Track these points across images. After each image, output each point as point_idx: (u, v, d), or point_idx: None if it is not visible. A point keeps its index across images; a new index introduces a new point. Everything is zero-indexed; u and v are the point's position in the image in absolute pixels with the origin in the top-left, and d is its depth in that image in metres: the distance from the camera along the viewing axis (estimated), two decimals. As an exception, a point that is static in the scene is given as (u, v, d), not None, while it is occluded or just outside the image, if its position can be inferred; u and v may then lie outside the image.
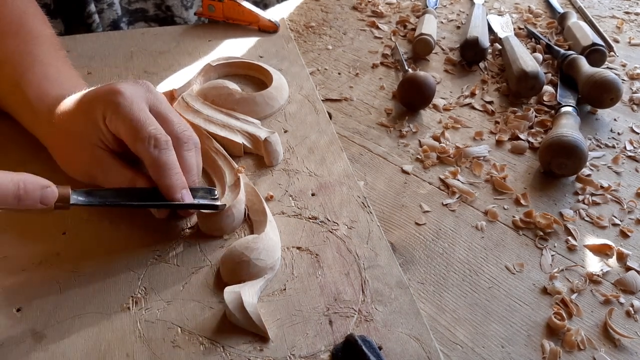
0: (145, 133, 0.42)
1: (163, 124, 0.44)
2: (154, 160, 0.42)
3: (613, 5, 0.94)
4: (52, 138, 0.48)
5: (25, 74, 0.50)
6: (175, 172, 0.43)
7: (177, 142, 0.44)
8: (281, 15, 0.81)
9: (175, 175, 0.43)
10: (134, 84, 0.45)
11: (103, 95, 0.44)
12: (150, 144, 0.42)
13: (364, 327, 0.39)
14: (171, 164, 0.42)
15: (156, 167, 0.42)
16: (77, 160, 0.46)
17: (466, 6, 0.91)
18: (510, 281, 0.46)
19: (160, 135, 0.42)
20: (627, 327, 0.42)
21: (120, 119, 0.42)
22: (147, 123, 0.42)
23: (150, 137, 0.42)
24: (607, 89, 0.62)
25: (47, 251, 0.43)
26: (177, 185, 0.42)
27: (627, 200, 0.54)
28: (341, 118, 0.64)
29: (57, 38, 0.57)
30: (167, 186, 0.42)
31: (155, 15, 0.89)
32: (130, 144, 0.43)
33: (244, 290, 0.39)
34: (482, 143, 0.61)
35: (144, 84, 0.46)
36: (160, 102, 0.46)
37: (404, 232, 0.49)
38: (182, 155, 0.44)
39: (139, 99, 0.44)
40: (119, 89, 0.43)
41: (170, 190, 0.42)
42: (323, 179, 0.52)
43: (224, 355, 0.37)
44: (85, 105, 0.45)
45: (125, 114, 0.42)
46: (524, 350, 0.40)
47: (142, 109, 0.43)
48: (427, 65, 0.75)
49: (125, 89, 0.43)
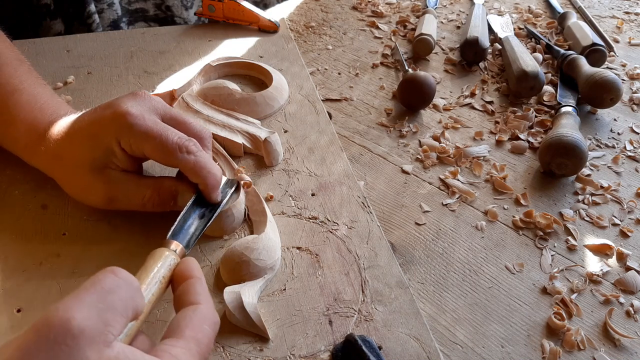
0: (172, 144, 0.41)
1: (181, 127, 0.44)
2: (194, 166, 0.42)
3: (613, 5, 0.94)
4: (58, 169, 0.46)
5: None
6: (215, 168, 0.43)
7: (199, 140, 0.44)
8: (281, 15, 0.81)
9: (217, 172, 0.43)
10: (135, 97, 0.44)
11: (110, 119, 0.42)
12: (183, 152, 0.41)
13: (364, 327, 0.39)
14: (209, 162, 0.43)
15: (198, 171, 0.42)
16: (93, 188, 0.44)
17: (466, 6, 0.91)
18: (510, 281, 0.46)
19: (187, 140, 0.42)
20: (627, 327, 0.42)
21: (141, 139, 0.41)
22: (170, 133, 0.42)
23: (180, 145, 0.41)
24: (607, 89, 0.62)
25: (47, 251, 0.43)
26: (216, 184, 0.43)
27: (627, 200, 0.54)
28: (341, 118, 0.64)
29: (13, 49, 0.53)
30: (212, 185, 0.42)
31: (155, 15, 0.89)
32: (161, 159, 0.42)
33: (244, 290, 0.39)
34: (482, 143, 0.61)
35: (144, 95, 0.44)
36: (167, 108, 0.45)
37: (404, 232, 0.49)
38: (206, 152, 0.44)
39: (147, 113, 0.42)
40: (125, 109, 0.41)
41: (214, 189, 0.43)
42: (323, 179, 0.52)
43: (224, 355, 0.37)
44: (91, 132, 0.43)
45: (143, 132, 0.41)
46: (524, 350, 0.40)
47: (156, 122, 0.42)
48: (427, 65, 0.75)
49: (130, 107, 0.42)
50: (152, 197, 0.44)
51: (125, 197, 0.44)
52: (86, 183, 0.44)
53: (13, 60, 0.51)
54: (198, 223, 0.41)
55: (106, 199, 0.44)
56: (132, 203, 0.44)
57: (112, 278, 0.29)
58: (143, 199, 0.44)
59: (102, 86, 0.62)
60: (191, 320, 0.31)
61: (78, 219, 0.46)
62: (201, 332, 0.31)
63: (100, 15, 0.82)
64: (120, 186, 0.43)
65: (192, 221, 0.41)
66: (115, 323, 0.27)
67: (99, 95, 0.60)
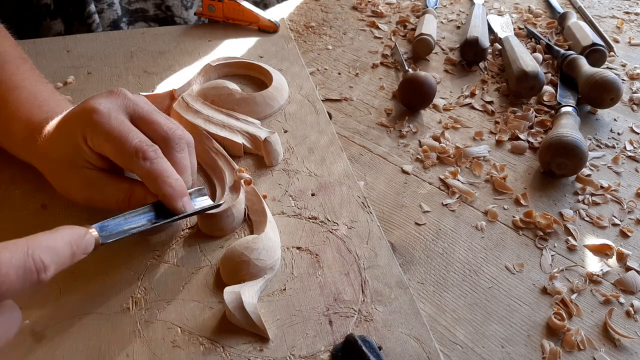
0: (130, 148, 0.40)
1: (149, 127, 0.43)
2: (147, 173, 0.40)
3: (613, 5, 0.94)
4: (45, 165, 0.46)
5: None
6: (173, 178, 0.41)
7: (167, 143, 0.42)
8: (281, 15, 0.81)
9: (174, 182, 0.41)
10: (108, 95, 0.43)
11: (79, 115, 0.42)
12: (139, 157, 0.40)
13: (364, 327, 0.39)
14: (165, 172, 0.41)
15: (151, 179, 0.40)
16: (72, 185, 0.44)
17: (466, 6, 0.91)
18: (510, 281, 0.46)
19: (147, 145, 0.40)
20: (627, 327, 0.42)
21: (102, 138, 0.40)
22: (130, 136, 0.40)
23: (137, 150, 0.40)
24: (607, 89, 0.62)
25: (47, 251, 0.43)
26: (177, 193, 0.41)
27: (627, 200, 0.54)
28: (341, 118, 0.64)
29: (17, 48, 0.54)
30: (168, 195, 0.40)
31: (155, 15, 0.89)
32: (118, 161, 0.41)
33: (244, 290, 0.39)
34: (482, 143, 0.61)
35: (119, 93, 0.43)
36: (141, 106, 0.44)
37: (404, 232, 0.49)
38: (174, 157, 0.43)
39: (115, 112, 0.41)
40: (93, 106, 0.41)
41: (171, 200, 0.40)
42: (323, 179, 0.52)
43: (224, 355, 0.37)
44: (63, 128, 0.43)
45: (106, 132, 0.40)
46: (524, 350, 0.40)
47: (121, 122, 0.41)
48: (427, 65, 0.75)
49: (99, 104, 0.41)
50: (124, 201, 0.43)
51: (100, 197, 0.43)
52: (67, 180, 0.44)
53: (16, 59, 0.51)
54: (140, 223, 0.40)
55: (85, 197, 0.44)
56: (108, 203, 0.43)
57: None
58: (117, 201, 0.43)
59: (102, 86, 0.62)
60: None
61: (78, 219, 0.46)
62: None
63: (100, 15, 0.82)
64: (95, 186, 0.43)
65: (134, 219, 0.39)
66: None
67: (99, 95, 0.60)
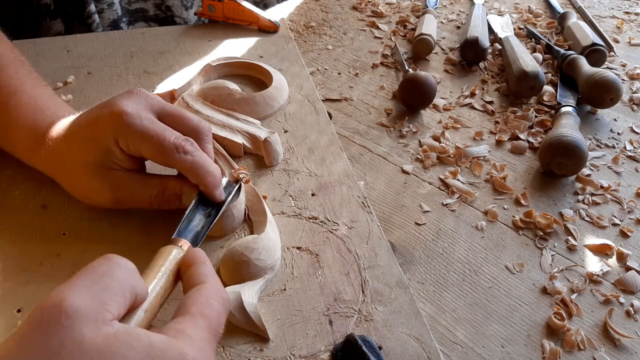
0: (169, 144, 0.41)
1: (178, 122, 0.43)
2: (190, 166, 0.41)
3: (613, 5, 0.94)
4: (61, 170, 0.46)
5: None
6: (213, 167, 0.42)
7: (198, 136, 0.44)
8: (281, 15, 0.81)
9: (215, 171, 0.42)
10: (130, 96, 0.43)
11: (108, 118, 0.41)
12: (180, 152, 0.41)
13: (364, 327, 0.39)
14: (206, 162, 0.42)
15: (195, 171, 0.41)
16: (99, 188, 0.44)
17: (466, 6, 0.91)
18: (510, 281, 0.46)
19: (184, 141, 0.42)
20: (627, 327, 0.42)
21: (138, 139, 0.41)
22: (167, 134, 0.41)
23: (177, 146, 0.41)
24: (607, 89, 0.62)
25: (47, 252, 0.43)
26: (218, 181, 0.42)
27: (627, 200, 0.54)
28: (341, 118, 0.64)
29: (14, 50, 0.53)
30: (210, 185, 0.42)
31: (155, 15, 0.89)
32: (158, 159, 0.42)
33: (244, 290, 0.39)
34: (482, 143, 0.61)
35: (140, 92, 0.44)
36: (163, 103, 0.45)
37: (404, 232, 0.49)
38: (205, 148, 0.44)
39: (144, 112, 0.42)
40: (122, 109, 0.41)
41: (213, 188, 0.42)
42: (323, 179, 0.52)
43: (224, 355, 0.37)
44: (90, 133, 0.43)
45: (141, 132, 0.41)
46: (524, 350, 0.40)
47: (153, 121, 0.42)
48: (427, 65, 0.75)
49: (126, 105, 0.41)
50: (158, 196, 0.44)
51: (131, 197, 0.44)
52: (91, 185, 0.44)
53: (14, 62, 0.51)
54: (204, 221, 0.41)
55: (113, 199, 0.44)
56: (139, 202, 0.44)
57: (105, 262, 0.28)
58: (150, 197, 0.43)
59: (102, 86, 0.62)
60: (197, 298, 0.30)
61: (78, 219, 0.46)
62: (208, 307, 0.30)
63: (100, 15, 0.82)
64: (125, 186, 0.43)
65: (198, 220, 0.41)
66: (112, 302, 0.26)
67: (99, 95, 0.60)
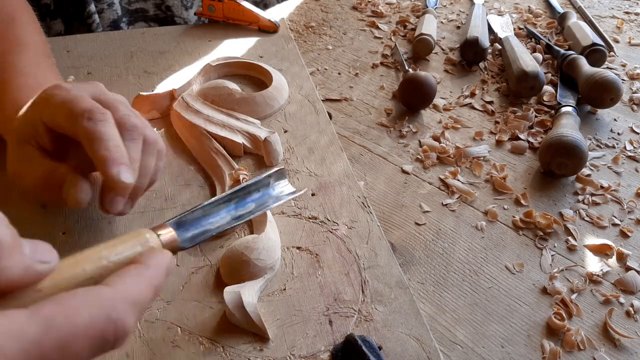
0: (79, 109, 0.37)
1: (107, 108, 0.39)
2: (87, 133, 0.36)
3: (613, 5, 0.94)
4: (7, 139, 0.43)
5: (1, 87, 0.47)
6: (114, 143, 0.36)
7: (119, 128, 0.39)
8: (281, 15, 0.81)
9: (112, 146, 0.36)
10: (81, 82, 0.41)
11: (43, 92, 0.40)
12: (84, 117, 0.36)
13: (364, 327, 0.39)
14: (108, 135, 0.37)
15: (89, 140, 0.36)
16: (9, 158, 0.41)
17: (466, 6, 0.91)
18: (510, 281, 0.46)
19: (97, 108, 0.37)
20: (627, 327, 0.42)
21: (56, 107, 0.38)
22: (82, 99, 0.38)
23: (85, 110, 0.37)
24: (607, 89, 0.62)
25: (47, 251, 0.43)
26: (113, 157, 0.36)
27: (627, 200, 0.54)
28: (341, 118, 0.64)
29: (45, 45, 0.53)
30: (102, 159, 0.36)
31: (155, 15, 0.89)
32: (67, 127, 0.38)
33: (244, 290, 0.39)
34: (482, 143, 0.61)
35: (93, 83, 0.42)
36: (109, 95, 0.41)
37: (404, 232, 0.49)
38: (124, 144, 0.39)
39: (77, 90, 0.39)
40: (58, 84, 0.39)
41: (104, 164, 0.35)
42: (323, 179, 0.52)
43: (224, 355, 0.37)
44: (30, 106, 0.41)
45: (61, 99, 0.38)
46: (524, 350, 0.40)
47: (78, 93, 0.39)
48: (427, 65, 0.75)
49: (65, 84, 0.39)
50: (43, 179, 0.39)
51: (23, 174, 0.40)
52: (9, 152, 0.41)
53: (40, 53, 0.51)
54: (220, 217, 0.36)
55: (11, 171, 0.41)
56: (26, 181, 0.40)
57: None
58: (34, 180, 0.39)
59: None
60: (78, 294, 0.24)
61: (78, 219, 0.46)
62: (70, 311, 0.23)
63: (100, 15, 0.82)
64: (23, 162, 0.40)
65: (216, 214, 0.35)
66: None
67: (99, 95, 0.60)
